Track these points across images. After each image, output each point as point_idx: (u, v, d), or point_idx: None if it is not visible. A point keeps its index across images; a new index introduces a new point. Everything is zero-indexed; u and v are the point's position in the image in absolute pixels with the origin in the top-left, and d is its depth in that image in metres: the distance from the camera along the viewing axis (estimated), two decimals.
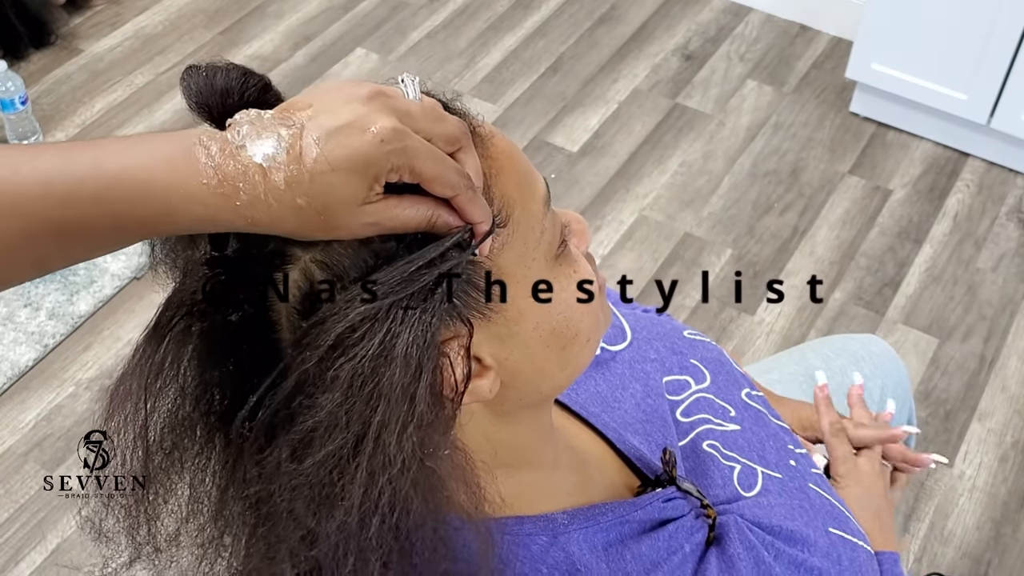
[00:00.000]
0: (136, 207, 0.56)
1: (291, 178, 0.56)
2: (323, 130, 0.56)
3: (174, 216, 0.57)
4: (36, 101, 2.56)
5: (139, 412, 0.64)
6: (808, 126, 2.57)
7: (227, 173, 0.56)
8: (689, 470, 0.89)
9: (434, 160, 0.59)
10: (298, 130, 0.57)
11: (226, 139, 0.57)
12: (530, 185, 0.67)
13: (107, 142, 0.58)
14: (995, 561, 1.81)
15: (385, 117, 0.57)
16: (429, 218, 0.60)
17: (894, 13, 2.35)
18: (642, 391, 0.94)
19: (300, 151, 0.56)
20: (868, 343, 1.37)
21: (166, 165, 0.56)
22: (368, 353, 0.58)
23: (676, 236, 2.32)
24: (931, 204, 2.40)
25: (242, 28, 2.83)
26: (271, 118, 0.58)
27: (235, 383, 0.65)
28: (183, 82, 0.62)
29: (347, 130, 0.57)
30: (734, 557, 0.81)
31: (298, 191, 0.56)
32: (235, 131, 0.57)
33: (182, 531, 0.68)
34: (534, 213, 0.67)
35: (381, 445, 0.59)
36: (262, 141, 0.57)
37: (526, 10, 2.89)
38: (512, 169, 0.67)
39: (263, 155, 0.56)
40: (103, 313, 2.14)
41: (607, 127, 2.56)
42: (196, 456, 0.67)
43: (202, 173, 0.56)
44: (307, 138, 0.56)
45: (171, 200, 0.56)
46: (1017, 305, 2.20)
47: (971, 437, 1.98)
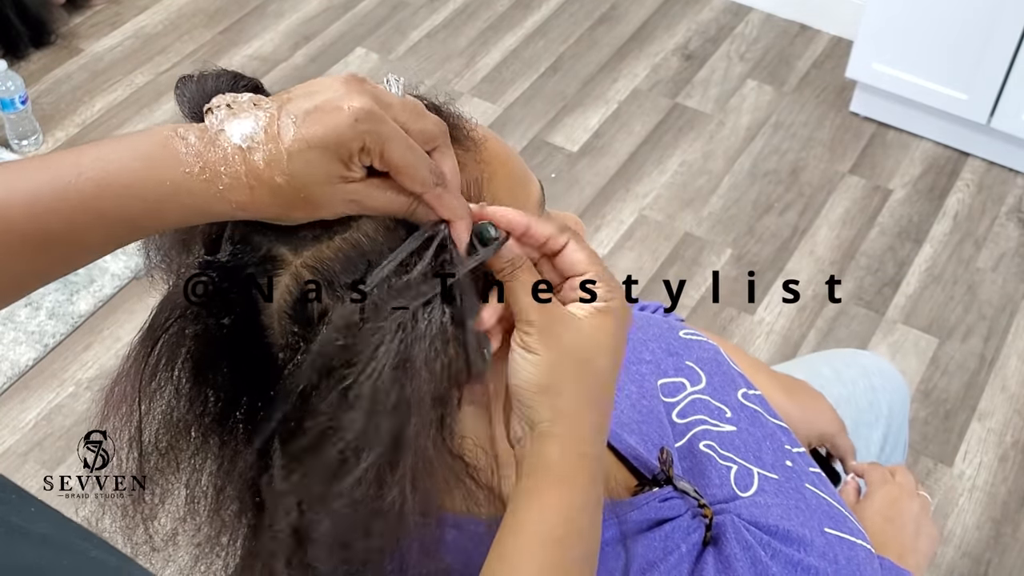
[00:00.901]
0: (122, 209, 0.57)
1: (270, 157, 0.57)
2: (300, 110, 0.57)
3: (161, 212, 0.57)
4: (36, 101, 2.56)
5: (134, 414, 0.64)
6: (808, 126, 2.57)
7: (208, 159, 0.57)
8: (686, 470, 0.89)
9: (406, 148, 0.59)
10: (275, 110, 0.57)
11: (203, 128, 0.58)
12: (524, 188, 0.67)
13: (86, 149, 0.57)
14: (995, 561, 1.81)
15: (361, 97, 0.58)
16: (409, 204, 0.60)
17: (894, 13, 2.35)
18: (637, 392, 0.94)
19: (277, 130, 0.57)
20: (876, 359, 1.37)
21: (146, 162, 0.56)
22: (384, 365, 0.58)
23: (676, 236, 2.32)
24: (931, 204, 2.40)
25: (242, 28, 2.83)
26: (248, 99, 0.58)
27: (229, 385, 0.66)
28: (177, 92, 0.63)
29: (323, 108, 0.57)
30: (731, 557, 0.81)
31: (277, 170, 0.57)
32: (213, 117, 0.58)
33: (179, 531, 0.69)
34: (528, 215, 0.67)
35: (419, 450, 0.60)
36: (240, 121, 0.57)
37: (526, 10, 2.89)
38: (505, 173, 0.67)
39: (241, 135, 0.57)
40: (103, 313, 2.14)
41: (607, 127, 2.56)
42: (192, 457, 0.67)
43: (183, 162, 0.56)
44: (284, 118, 0.57)
45: (156, 195, 0.56)
46: (1017, 305, 2.20)
47: (971, 437, 1.98)
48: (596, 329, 0.63)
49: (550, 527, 0.61)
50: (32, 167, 0.57)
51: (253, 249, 0.63)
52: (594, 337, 0.63)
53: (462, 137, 0.66)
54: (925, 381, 2.06)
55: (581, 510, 0.63)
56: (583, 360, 0.63)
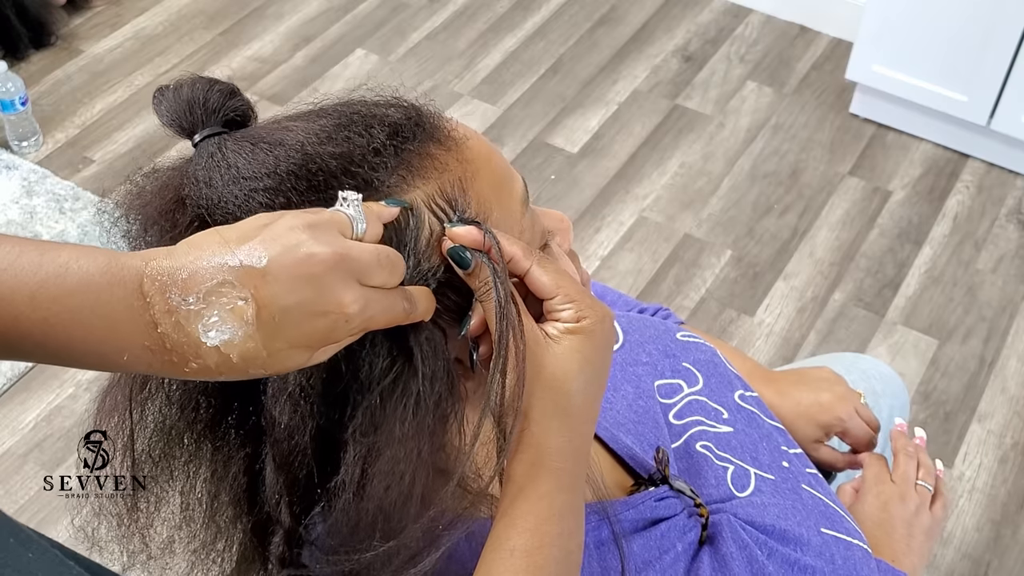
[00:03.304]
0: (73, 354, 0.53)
1: (247, 354, 0.55)
2: (280, 308, 0.54)
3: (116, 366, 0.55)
4: (36, 102, 2.56)
5: (126, 423, 0.64)
6: (808, 127, 2.57)
7: (176, 343, 0.54)
8: (682, 470, 0.89)
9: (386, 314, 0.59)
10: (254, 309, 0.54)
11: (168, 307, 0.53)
12: (507, 185, 0.67)
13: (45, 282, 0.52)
14: (995, 562, 1.81)
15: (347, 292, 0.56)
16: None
17: (894, 14, 2.35)
18: (634, 393, 0.94)
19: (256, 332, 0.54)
20: (876, 364, 1.37)
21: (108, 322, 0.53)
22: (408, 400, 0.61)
23: (676, 237, 2.32)
24: (931, 205, 2.40)
25: (242, 29, 2.83)
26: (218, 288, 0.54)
27: (219, 390, 0.66)
28: (155, 103, 0.62)
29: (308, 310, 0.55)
30: (727, 556, 0.81)
31: (253, 364, 0.55)
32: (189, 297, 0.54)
33: (175, 538, 0.69)
34: (512, 213, 0.67)
35: (412, 452, 0.61)
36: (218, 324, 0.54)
37: (526, 11, 2.89)
38: (488, 171, 0.67)
39: (220, 340, 0.54)
40: None
41: (607, 128, 2.56)
42: (186, 464, 0.67)
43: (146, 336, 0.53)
44: (265, 316, 0.54)
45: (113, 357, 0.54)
46: (1017, 306, 2.20)
47: (971, 438, 1.98)
48: (567, 350, 0.64)
49: (520, 539, 0.63)
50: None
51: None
52: (563, 358, 0.64)
53: (443, 137, 0.66)
54: (925, 383, 2.06)
55: (547, 520, 0.64)
56: (550, 383, 0.64)
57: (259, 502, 0.66)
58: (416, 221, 0.63)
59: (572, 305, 0.65)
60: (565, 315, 0.65)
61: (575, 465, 0.66)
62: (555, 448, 0.64)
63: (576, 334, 0.65)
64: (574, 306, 0.65)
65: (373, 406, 0.61)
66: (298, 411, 0.61)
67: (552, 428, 0.64)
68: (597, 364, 0.66)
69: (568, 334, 0.65)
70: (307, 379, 0.61)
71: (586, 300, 0.65)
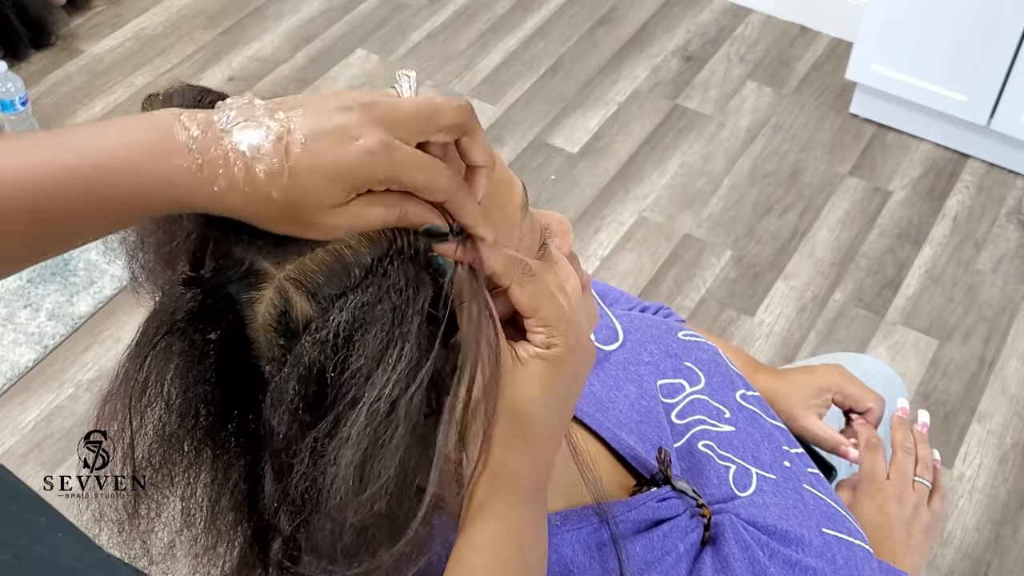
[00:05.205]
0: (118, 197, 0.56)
1: (271, 170, 0.56)
2: (310, 131, 0.56)
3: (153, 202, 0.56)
4: (36, 102, 2.56)
5: (125, 431, 0.64)
6: (808, 127, 2.57)
7: (208, 157, 0.56)
8: (685, 470, 0.89)
9: (422, 170, 0.59)
10: (286, 126, 0.57)
11: (210, 120, 0.57)
12: (507, 190, 0.67)
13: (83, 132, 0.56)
14: (995, 562, 1.81)
15: (373, 130, 0.57)
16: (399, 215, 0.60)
17: (894, 14, 2.35)
18: (636, 392, 0.94)
19: (286, 147, 0.56)
20: (876, 364, 1.37)
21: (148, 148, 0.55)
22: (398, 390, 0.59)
23: (676, 237, 2.32)
24: (931, 205, 2.40)
25: (242, 29, 2.83)
26: (262, 107, 0.58)
27: (219, 399, 0.66)
28: (144, 111, 0.62)
29: (334, 136, 0.57)
30: (729, 557, 0.81)
31: (275, 184, 0.56)
32: (223, 114, 0.57)
33: (176, 542, 0.69)
34: (511, 218, 0.67)
35: (409, 455, 0.61)
36: (250, 130, 0.56)
37: (526, 11, 2.89)
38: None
39: (248, 144, 0.56)
40: (103, 314, 2.14)
41: (607, 128, 2.56)
42: (186, 470, 0.67)
43: (182, 155, 0.55)
44: (295, 135, 0.56)
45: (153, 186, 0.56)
46: (1017, 306, 2.20)
47: (971, 438, 1.98)
48: (530, 376, 0.64)
49: (480, 557, 0.64)
50: (31, 148, 0.55)
51: (236, 264, 0.62)
52: (524, 385, 0.64)
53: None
54: (925, 383, 2.06)
55: (506, 535, 0.65)
56: (510, 407, 0.64)
57: (259, 508, 0.66)
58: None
59: (545, 330, 0.64)
60: (537, 339, 0.64)
61: (535, 482, 0.66)
62: (513, 469, 0.65)
63: (543, 360, 0.64)
64: (547, 332, 0.64)
65: (359, 422, 0.61)
66: (296, 422, 0.61)
67: (512, 449, 0.64)
68: (561, 391, 0.65)
69: (536, 359, 0.64)
70: (305, 390, 0.61)
71: (561, 326, 0.64)
